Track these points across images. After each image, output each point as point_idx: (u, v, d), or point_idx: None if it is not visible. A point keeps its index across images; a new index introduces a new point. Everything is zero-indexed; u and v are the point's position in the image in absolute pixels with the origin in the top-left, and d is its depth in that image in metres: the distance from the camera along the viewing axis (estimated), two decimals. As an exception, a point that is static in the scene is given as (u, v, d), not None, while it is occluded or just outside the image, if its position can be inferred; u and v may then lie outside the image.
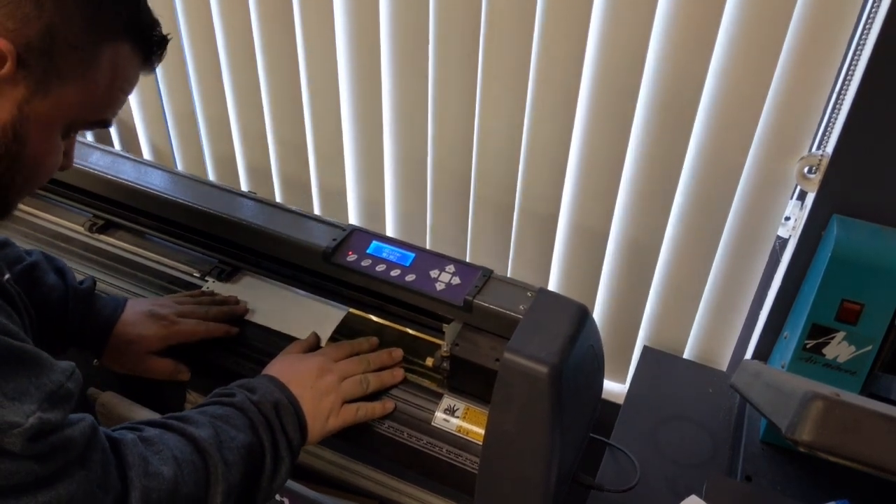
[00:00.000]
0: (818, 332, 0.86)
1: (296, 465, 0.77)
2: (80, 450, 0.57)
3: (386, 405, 0.82)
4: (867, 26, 0.84)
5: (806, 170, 0.95)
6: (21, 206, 1.09)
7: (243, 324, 0.93)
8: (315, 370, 0.80)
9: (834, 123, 0.91)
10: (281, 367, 0.81)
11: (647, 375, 1.12)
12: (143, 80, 1.42)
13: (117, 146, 1.62)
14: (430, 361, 0.86)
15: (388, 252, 0.87)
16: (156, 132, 1.54)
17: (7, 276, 0.63)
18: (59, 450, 0.56)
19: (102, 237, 1.05)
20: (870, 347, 0.85)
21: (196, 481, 0.65)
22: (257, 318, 0.93)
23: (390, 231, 1.37)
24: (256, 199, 0.95)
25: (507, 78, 1.08)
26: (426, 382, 0.85)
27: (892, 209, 0.88)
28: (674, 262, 1.12)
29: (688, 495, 0.81)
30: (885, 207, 0.89)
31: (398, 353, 0.87)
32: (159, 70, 1.40)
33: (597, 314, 1.23)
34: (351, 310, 0.94)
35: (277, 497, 0.92)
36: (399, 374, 0.85)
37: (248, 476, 0.70)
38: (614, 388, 1.27)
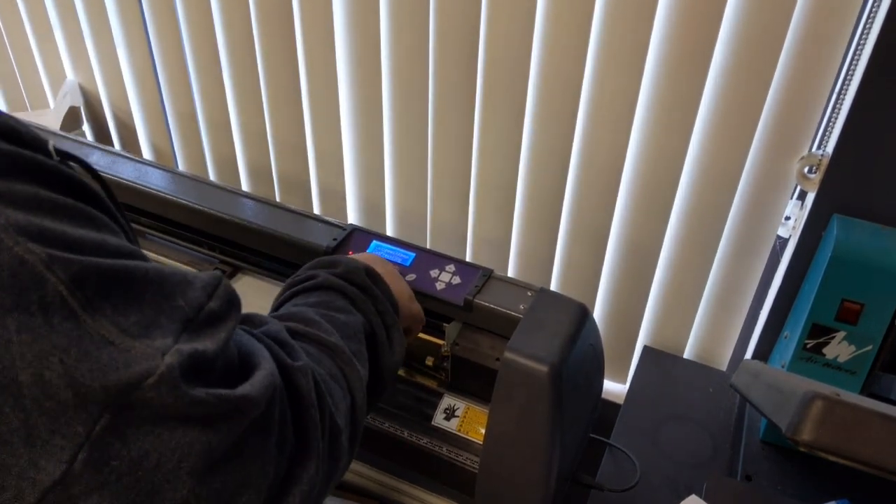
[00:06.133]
0: (818, 332, 0.86)
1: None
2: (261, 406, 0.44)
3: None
4: (867, 26, 0.84)
5: (806, 169, 0.95)
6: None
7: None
8: None
9: (834, 123, 0.91)
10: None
11: (647, 375, 1.12)
12: (144, 80, 1.44)
13: (117, 146, 1.62)
14: (430, 361, 0.86)
15: (389, 251, 0.87)
16: (156, 132, 1.54)
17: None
18: (224, 402, 0.41)
19: (102, 237, 1.05)
20: (870, 347, 0.85)
21: (343, 394, 0.56)
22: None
23: (390, 231, 1.37)
24: (256, 199, 0.95)
25: (507, 76, 1.08)
26: (426, 382, 0.85)
27: (892, 209, 0.89)
28: (674, 261, 1.12)
29: (688, 495, 0.81)
30: (885, 207, 0.89)
31: None
32: (160, 70, 1.41)
33: (597, 314, 1.23)
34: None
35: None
36: None
37: (371, 361, 0.61)
38: (614, 387, 1.27)
